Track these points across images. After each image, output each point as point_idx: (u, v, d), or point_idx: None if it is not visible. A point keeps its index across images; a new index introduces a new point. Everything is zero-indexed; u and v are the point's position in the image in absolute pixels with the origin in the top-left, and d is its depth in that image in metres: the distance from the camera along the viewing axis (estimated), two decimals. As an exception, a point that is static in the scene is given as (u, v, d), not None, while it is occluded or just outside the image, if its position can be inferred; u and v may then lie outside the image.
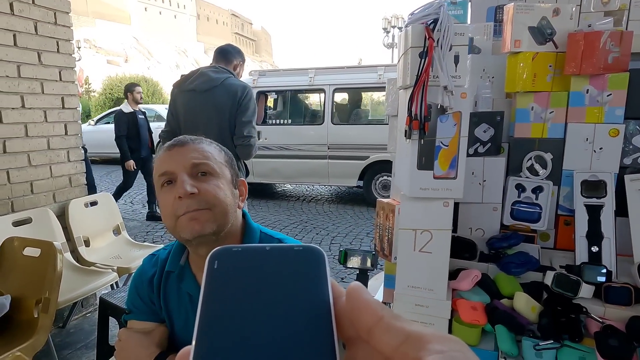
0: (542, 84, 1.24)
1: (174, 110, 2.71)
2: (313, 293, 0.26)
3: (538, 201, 1.25)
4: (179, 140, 0.99)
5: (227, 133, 2.56)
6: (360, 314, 0.24)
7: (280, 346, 0.23)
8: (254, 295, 0.26)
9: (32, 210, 2.75)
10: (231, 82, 2.60)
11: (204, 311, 0.25)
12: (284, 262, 0.28)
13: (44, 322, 2.03)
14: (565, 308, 1.03)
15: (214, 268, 0.28)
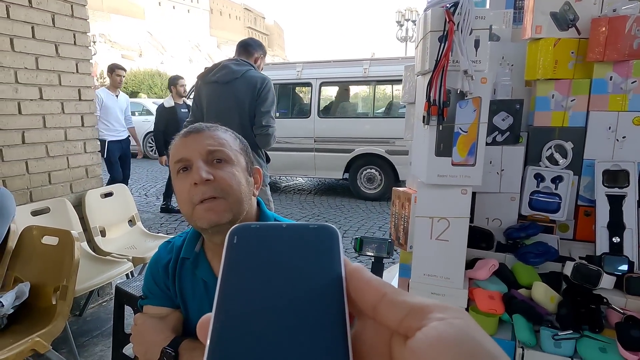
0: (563, 71, 1.21)
1: (198, 101, 2.82)
2: (326, 269, 0.27)
3: (557, 191, 1.23)
4: (195, 127, 0.99)
5: (247, 122, 2.67)
6: (364, 294, 0.25)
7: (294, 318, 0.24)
8: (271, 269, 0.27)
9: (50, 200, 2.80)
10: (251, 74, 2.69)
11: (224, 283, 0.26)
12: (299, 239, 0.29)
13: (62, 309, 2.07)
14: (585, 299, 1.01)
15: (234, 243, 0.28)
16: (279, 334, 0.24)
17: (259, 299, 0.25)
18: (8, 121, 2.56)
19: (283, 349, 0.23)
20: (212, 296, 0.24)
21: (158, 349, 0.93)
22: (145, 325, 1.01)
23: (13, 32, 2.54)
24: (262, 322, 0.24)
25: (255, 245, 0.28)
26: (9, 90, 2.55)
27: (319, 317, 0.25)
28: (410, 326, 0.22)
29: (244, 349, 0.23)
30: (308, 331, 0.24)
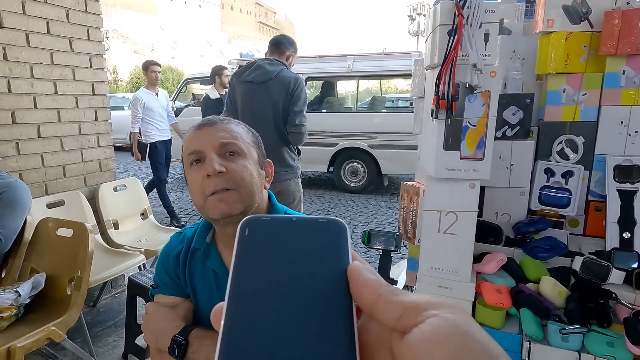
0: (575, 65, 1.20)
1: (232, 98, 2.93)
2: (335, 262, 0.28)
3: (568, 186, 1.22)
4: (208, 120, 1.01)
5: (280, 121, 2.79)
6: (362, 294, 0.26)
7: (303, 309, 0.25)
8: (281, 261, 0.28)
9: (65, 193, 2.85)
10: (284, 74, 2.79)
11: (236, 273, 0.27)
12: (308, 232, 0.29)
13: (76, 299, 2.11)
14: (593, 293, 1.01)
15: (245, 235, 0.29)
16: (288, 324, 0.25)
17: (269, 290, 0.26)
18: (24, 115, 2.62)
19: (293, 339, 0.24)
20: (222, 286, 0.26)
21: (168, 337, 0.94)
22: (156, 313, 1.03)
23: (29, 27, 2.58)
24: (272, 313, 0.25)
25: (266, 237, 0.29)
26: (25, 85, 2.60)
27: (327, 309, 0.25)
28: (407, 324, 0.23)
29: (256, 337, 0.24)
30: (316, 322, 0.25)
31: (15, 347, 1.76)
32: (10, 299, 1.96)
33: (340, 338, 0.24)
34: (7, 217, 2.10)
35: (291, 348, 0.24)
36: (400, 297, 0.25)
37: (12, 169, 2.54)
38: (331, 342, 0.24)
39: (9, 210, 2.11)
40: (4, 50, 2.48)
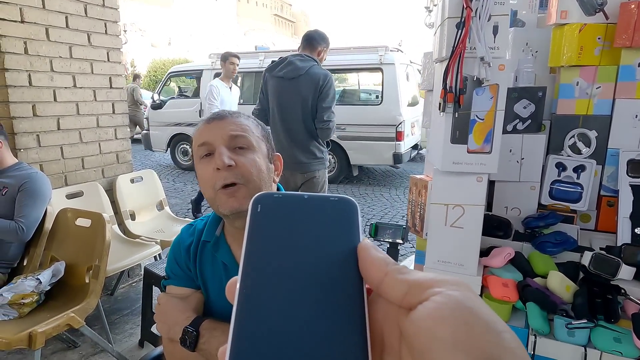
0: (589, 58, 1.18)
1: (265, 91, 3.03)
2: (346, 240, 0.28)
3: (579, 181, 1.21)
4: (218, 114, 1.02)
5: (309, 117, 2.86)
6: (369, 272, 0.26)
7: (315, 286, 0.26)
8: (293, 238, 0.28)
9: (83, 184, 2.92)
10: (315, 70, 2.87)
11: (249, 249, 0.28)
12: (320, 210, 0.30)
13: (94, 287, 2.18)
14: (602, 289, 1.00)
15: (257, 211, 0.29)
16: (300, 301, 0.25)
17: (281, 267, 0.27)
18: (45, 108, 2.69)
19: (305, 316, 0.25)
20: (232, 277, 0.27)
21: (180, 328, 0.96)
22: (168, 305, 1.05)
23: (48, 22, 2.65)
24: (284, 289, 0.26)
25: (278, 214, 0.29)
26: (45, 78, 2.67)
27: (338, 286, 0.26)
28: (412, 302, 0.24)
29: (268, 313, 0.25)
30: (328, 300, 0.25)
31: (36, 332, 1.83)
32: (31, 286, 2.03)
33: (351, 315, 0.25)
34: (29, 207, 2.17)
35: (303, 324, 0.24)
36: (406, 276, 0.25)
37: (33, 161, 2.62)
38: (342, 319, 0.25)
39: (30, 201, 2.19)
40: (25, 45, 2.55)
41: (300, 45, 3.06)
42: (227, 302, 0.85)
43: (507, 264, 1.11)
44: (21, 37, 2.52)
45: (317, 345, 0.24)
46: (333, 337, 0.24)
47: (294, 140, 2.87)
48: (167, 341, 1.03)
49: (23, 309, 1.97)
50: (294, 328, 0.24)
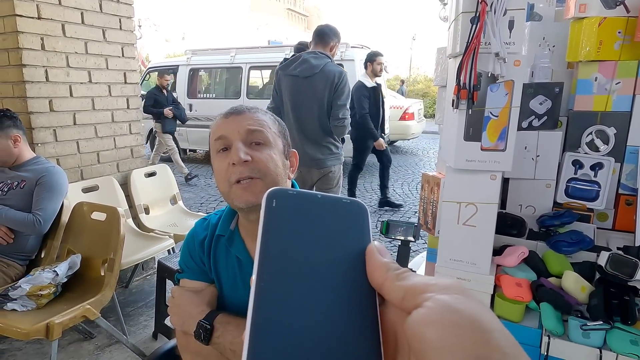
0: (608, 53, 1.15)
1: (278, 89, 3.04)
2: (357, 241, 0.29)
3: (597, 179, 1.18)
4: (236, 108, 1.02)
5: (324, 114, 2.88)
6: (372, 276, 0.27)
7: (329, 285, 0.27)
8: (307, 235, 0.29)
9: (99, 178, 2.97)
10: (329, 68, 2.87)
11: (264, 244, 0.28)
12: (333, 210, 0.30)
13: (109, 280, 2.22)
14: (618, 290, 0.98)
15: (272, 206, 0.30)
16: (315, 296, 0.26)
17: (296, 262, 0.27)
18: (61, 103, 2.73)
19: (319, 310, 0.25)
20: (246, 272, 0.28)
21: (194, 322, 0.97)
22: (182, 298, 1.06)
23: (64, 18, 2.68)
24: (299, 284, 0.26)
25: (292, 210, 0.30)
26: (61, 74, 2.71)
27: (350, 284, 0.27)
28: (408, 307, 0.25)
29: (285, 306, 0.25)
30: (341, 296, 0.26)
31: (53, 323, 1.87)
32: (49, 278, 2.08)
33: (363, 313, 0.26)
34: (46, 201, 2.22)
35: (317, 319, 0.25)
36: (402, 282, 0.26)
37: (50, 155, 2.67)
38: (355, 317, 0.26)
39: (47, 194, 2.23)
40: (41, 41, 2.58)
41: (312, 41, 3.06)
42: (240, 297, 0.86)
43: (521, 263, 1.09)
44: (38, 33, 2.56)
45: (332, 341, 0.24)
46: (347, 333, 0.25)
47: (309, 137, 2.87)
48: (180, 334, 1.04)
49: (41, 300, 2.02)
50: (309, 323, 0.25)
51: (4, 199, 2.18)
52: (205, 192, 6.17)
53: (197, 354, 0.99)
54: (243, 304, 1.02)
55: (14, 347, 2.36)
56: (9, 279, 2.17)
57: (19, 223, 2.14)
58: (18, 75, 2.52)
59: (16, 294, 1.96)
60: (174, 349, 1.27)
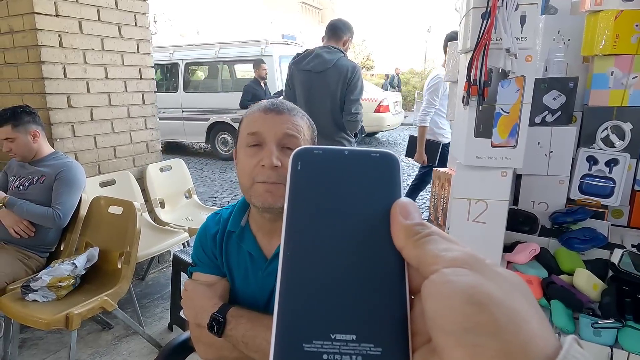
0: (625, 46, 1.12)
1: (291, 84, 3.06)
2: (386, 197, 0.28)
3: (612, 175, 1.16)
4: (277, 106, 0.98)
5: (337, 108, 2.89)
6: (394, 237, 0.27)
7: (356, 244, 0.26)
8: (334, 195, 0.28)
9: (115, 173, 3.03)
10: (342, 62, 2.87)
11: (291, 209, 0.28)
12: (361, 166, 0.29)
13: (126, 272, 2.27)
14: (632, 288, 0.96)
15: (298, 169, 0.29)
16: (344, 259, 0.26)
17: (324, 226, 0.27)
18: (79, 99, 2.78)
19: (348, 274, 0.25)
20: (257, 267, 0.29)
21: (207, 314, 0.98)
22: (195, 291, 1.08)
23: (81, 15, 2.72)
24: (327, 248, 0.26)
25: (318, 171, 0.29)
26: (79, 70, 2.76)
27: (379, 244, 0.26)
28: (425, 271, 0.24)
29: (313, 274, 0.26)
30: (370, 258, 0.26)
31: (72, 314, 1.93)
32: (68, 270, 2.13)
33: (392, 276, 0.26)
34: (65, 195, 2.27)
35: (346, 282, 0.25)
36: (417, 250, 0.26)
37: (68, 150, 2.73)
38: (384, 279, 0.26)
39: (66, 189, 2.28)
40: (59, 38, 2.64)
41: (325, 35, 3.05)
42: (252, 291, 0.87)
43: (532, 260, 1.09)
44: (56, 30, 2.61)
45: (360, 304, 0.25)
46: (374, 294, 0.25)
47: (321, 132, 2.87)
48: (194, 326, 1.05)
49: (60, 291, 2.08)
50: (338, 287, 0.25)
51: (25, 193, 2.24)
52: (220, 187, 6.23)
53: (209, 345, 1.00)
54: (255, 298, 1.04)
55: (36, 336, 2.43)
56: (30, 270, 2.24)
57: (40, 217, 2.20)
58: (37, 72, 2.57)
59: (37, 285, 2.02)
60: (188, 341, 1.29)
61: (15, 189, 2.27)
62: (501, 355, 0.20)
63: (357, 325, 0.25)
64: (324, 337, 0.24)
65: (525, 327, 0.21)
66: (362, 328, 0.25)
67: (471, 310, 0.21)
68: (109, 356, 2.31)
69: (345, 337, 0.24)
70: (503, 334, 0.20)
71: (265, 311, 1.00)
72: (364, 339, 0.24)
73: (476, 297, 0.21)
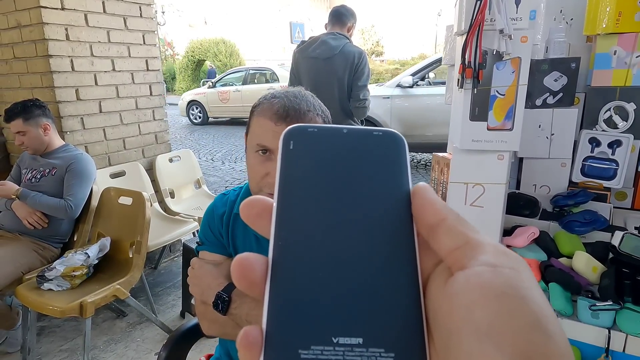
0: (628, 24, 1.10)
1: (296, 72, 3.05)
2: (393, 181, 0.25)
3: (614, 157, 1.14)
4: (289, 115, 0.92)
5: (345, 95, 2.89)
6: (425, 213, 0.23)
7: (361, 236, 0.23)
8: (332, 178, 0.25)
9: (125, 164, 3.07)
10: (348, 49, 2.87)
11: (282, 195, 0.24)
12: (362, 146, 0.26)
13: (137, 262, 2.32)
14: (632, 270, 0.96)
15: (290, 149, 0.26)
16: (344, 248, 0.23)
17: (321, 214, 0.24)
18: (87, 92, 2.82)
19: (349, 263, 0.22)
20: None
21: (213, 293, 0.99)
22: (202, 270, 1.08)
23: (87, 8, 2.75)
24: (324, 236, 0.23)
25: (314, 152, 0.26)
26: (86, 63, 2.80)
27: (385, 231, 0.23)
28: (458, 260, 0.21)
29: (310, 269, 0.22)
30: (375, 247, 0.23)
31: (86, 302, 1.98)
32: (81, 260, 2.19)
33: (402, 265, 0.22)
34: (76, 187, 2.32)
35: (348, 274, 0.22)
36: (465, 229, 0.22)
37: (78, 142, 2.78)
38: (392, 270, 0.22)
39: (77, 181, 2.33)
40: (66, 31, 2.66)
41: (328, 22, 3.02)
42: None
43: (531, 244, 1.08)
44: (62, 23, 2.64)
45: (366, 302, 0.21)
46: (383, 292, 0.22)
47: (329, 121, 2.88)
48: (199, 302, 1.08)
49: (74, 280, 2.14)
50: (339, 282, 0.22)
51: (37, 185, 2.30)
52: (230, 176, 6.28)
53: (214, 322, 1.03)
54: None
55: (53, 324, 2.51)
56: (45, 260, 2.30)
57: (52, 208, 2.26)
58: (45, 66, 2.61)
59: (52, 274, 2.08)
60: (196, 326, 1.33)
61: (28, 182, 2.33)
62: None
63: (363, 326, 0.21)
64: (324, 341, 0.20)
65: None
66: (370, 330, 0.21)
67: (539, 339, 0.17)
68: (123, 343, 2.37)
69: (350, 340, 0.20)
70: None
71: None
72: (373, 343, 0.20)
73: (543, 323, 0.18)
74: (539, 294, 0.19)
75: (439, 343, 0.20)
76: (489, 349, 0.17)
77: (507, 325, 0.18)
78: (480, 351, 0.17)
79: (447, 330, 0.19)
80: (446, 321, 0.20)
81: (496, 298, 0.18)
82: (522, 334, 0.17)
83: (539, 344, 0.17)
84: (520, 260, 0.20)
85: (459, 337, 0.18)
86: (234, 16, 30.38)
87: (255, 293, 0.22)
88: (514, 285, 0.19)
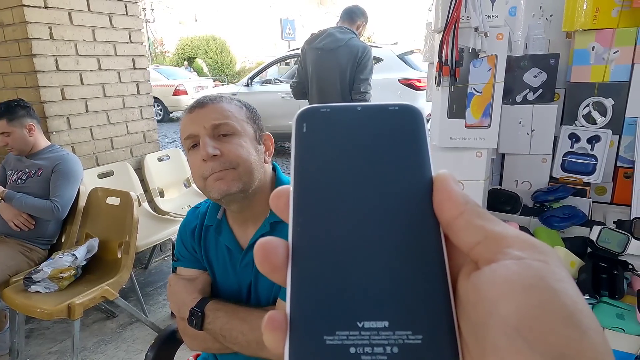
0: (605, 20, 1.10)
1: (303, 63, 3.12)
2: (412, 158, 0.24)
3: (593, 152, 1.15)
4: (199, 102, 1.00)
5: (347, 87, 2.95)
6: (443, 205, 0.22)
7: (380, 214, 0.22)
8: (348, 159, 0.24)
9: (113, 164, 3.05)
10: (354, 42, 2.94)
11: (299, 178, 0.24)
12: (378, 122, 0.25)
13: (126, 262, 2.31)
14: (609, 264, 0.97)
15: (303, 132, 0.25)
16: (369, 233, 0.22)
17: (340, 197, 0.23)
18: (72, 91, 2.79)
19: (373, 253, 0.21)
20: (236, 261, 0.23)
21: (187, 309, 1.00)
22: (177, 286, 1.08)
23: (70, 6, 2.71)
24: (346, 225, 0.22)
25: (328, 132, 0.25)
26: (71, 62, 2.76)
27: (409, 217, 0.22)
28: (482, 255, 0.20)
29: (332, 253, 0.22)
30: (399, 233, 0.22)
31: (74, 303, 1.97)
32: (68, 261, 2.17)
33: (427, 255, 0.21)
34: (62, 188, 2.30)
35: (373, 262, 0.21)
36: (485, 223, 0.21)
37: (65, 142, 2.75)
38: (417, 260, 0.21)
39: (64, 182, 2.31)
40: (50, 30, 2.63)
41: (340, 18, 3.12)
42: (231, 283, 0.88)
43: (511, 239, 1.09)
44: (46, 22, 2.60)
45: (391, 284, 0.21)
46: (409, 274, 0.21)
47: None
48: (179, 319, 1.08)
49: (62, 282, 2.12)
50: (363, 265, 0.21)
51: (23, 187, 2.27)
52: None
53: (194, 337, 1.03)
54: (235, 290, 1.05)
55: (42, 326, 2.50)
56: (32, 262, 2.29)
57: (39, 210, 2.24)
58: (29, 65, 2.58)
59: (39, 276, 2.07)
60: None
61: (14, 183, 2.30)
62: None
63: (389, 309, 0.20)
64: (349, 326, 0.20)
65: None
66: (396, 313, 0.20)
67: (573, 335, 0.16)
68: (114, 343, 2.36)
69: (376, 324, 0.20)
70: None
71: (246, 303, 1.02)
72: (399, 326, 0.20)
73: (577, 317, 0.17)
74: (571, 286, 0.18)
75: (466, 330, 0.20)
76: (519, 343, 0.16)
77: (537, 320, 0.17)
78: (509, 346, 0.17)
79: (474, 322, 0.19)
80: (472, 313, 0.19)
81: (524, 291, 0.17)
82: (555, 329, 0.16)
83: (573, 340, 0.16)
84: (550, 251, 0.19)
85: (485, 329, 0.18)
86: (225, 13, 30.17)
87: (277, 277, 0.22)
88: (544, 277, 0.18)
